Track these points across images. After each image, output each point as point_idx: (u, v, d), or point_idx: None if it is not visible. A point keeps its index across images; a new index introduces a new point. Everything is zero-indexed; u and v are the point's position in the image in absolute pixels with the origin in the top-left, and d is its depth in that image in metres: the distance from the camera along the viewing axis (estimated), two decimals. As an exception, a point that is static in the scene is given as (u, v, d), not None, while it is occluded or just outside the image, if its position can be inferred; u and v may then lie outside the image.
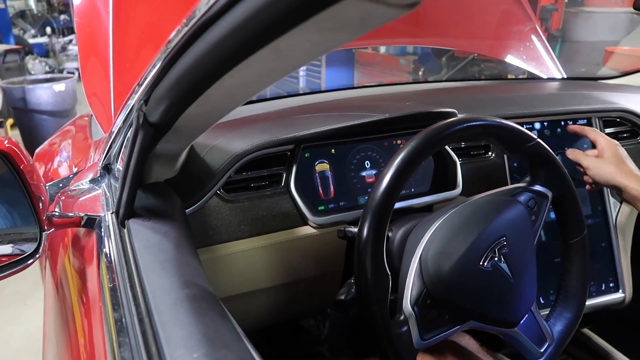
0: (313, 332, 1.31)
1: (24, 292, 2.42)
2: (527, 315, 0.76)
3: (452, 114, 0.98)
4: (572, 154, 1.01)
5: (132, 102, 0.61)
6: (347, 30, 0.36)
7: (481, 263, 0.71)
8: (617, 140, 1.20)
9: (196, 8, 0.40)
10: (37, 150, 1.65)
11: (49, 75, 5.23)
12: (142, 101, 0.59)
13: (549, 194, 0.79)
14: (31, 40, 9.58)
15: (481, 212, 0.75)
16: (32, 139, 4.28)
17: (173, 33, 0.45)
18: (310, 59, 0.43)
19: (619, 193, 0.97)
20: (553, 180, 0.79)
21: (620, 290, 1.15)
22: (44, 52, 9.26)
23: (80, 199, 0.77)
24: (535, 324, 0.77)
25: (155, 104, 0.56)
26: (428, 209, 1.00)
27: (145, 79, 0.54)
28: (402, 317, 0.68)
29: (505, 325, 0.75)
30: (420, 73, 4.31)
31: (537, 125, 1.13)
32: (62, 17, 11.44)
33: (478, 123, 0.72)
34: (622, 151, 1.00)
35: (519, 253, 0.74)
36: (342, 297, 0.71)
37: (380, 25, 0.37)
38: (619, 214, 1.17)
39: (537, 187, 0.79)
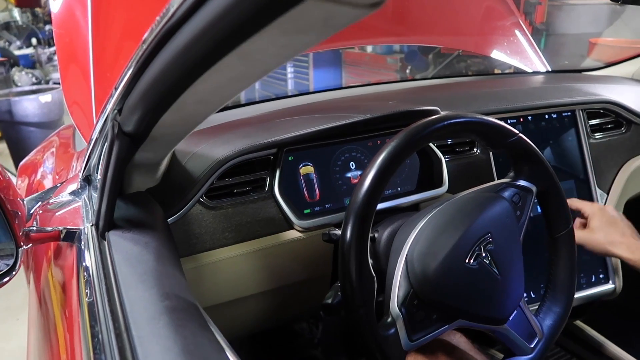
0: (306, 336, 1.31)
1: (15, 308, 2.39)
2: (515, 312, 0.76)
3: (434, 112, 0.97)
4: None
5: (106, 112, 0.60)
6: (313, 32, 0.35)
7: (467, 261, 0.70)
8: (602, 132, 1.21)
9: (168, 5, 0.39)
10: (22, 162, 1.63)
11: (34, 87, 5.18)
12: (115, 111, 0.58)
13: (533, 188, 0.79)
14: (17, 52, 9.49)
15: (465, 209, 0.74)
16: (19, 151, 4.23)
17: (147, 33, 0.44)
18: (281, 63, 0.42)
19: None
20: (537, 174, 0.78)
21: (611, 281, 1.16)
22: (31, 63, 9.18)
23: (59, 212, 0.75)
24: (525, 320, 0.77)
25: (129, 113, 0.55)
26: (415, 207, 0.99)
27: (117, 89, 0.53)
28: (389, 319, 0.68)
29: (494, 323, 0.74)
30: (407, 71, 4.31)
31: (522, 120, 1.13)
32: (47, 27, 11.35)
33: (458, 120, 0.72)
34: (609, 214, 0.95)
35: (504, 249, 0.74)
36: (329, 300, 0.70)
37: (347, 26, 0.37)
38: (606, 204, 1.17)
39: (521, 182, 0.79)
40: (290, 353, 1.29)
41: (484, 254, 0.71)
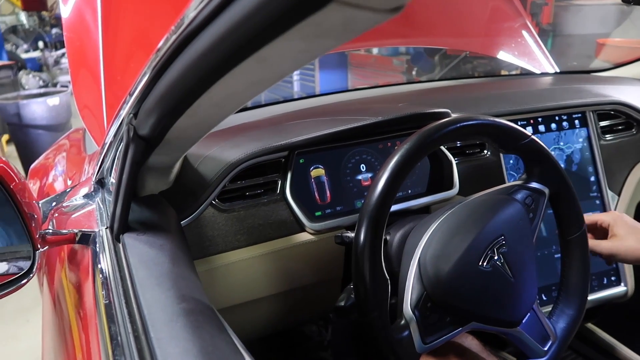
0: (316, 339, 1.31)
1: (25, 309, 2.41)
2: (529, 314, 0.75)
3: (445, 114, 0.97)
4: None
5: (122, 115, 0.60)
6: (332, 36, 0.36)
7: (480, 264, 0.70)
8: (613, 134, 1.20)
9: (183, 15, 0.40)
10: (32, 165, 1.64)
11: (42, 90, 5.22)
12: (131, 115, 0.58)
13: (546, 190, 0.79)
14: (24, 55, 9.58)
15: (478, 212, 0.74)
16: (28, 154, 4.26)
17: (162, 42, 0.44)
18: (297, 67, 0.42)
19: None
20: (549, 176, 0.78)
21: (622, 284, 1.15)
22: (37, 66, 9.25)
23: (73, 215, 0.76)
24: (538, 323, 0.76)
25: (144, 117, 0.55)
26: (425, 210, 0.99)
27: (133, 93, 0.54)
28: (402, 322, 0.68)
29: (507, 325, 0.74)
30: (413, 73, 4.31)
31: (532, 122, 1.13)
32: (54, 30, 11.44)
33: (471, 123, 0.72)
34: (630, 220, 0.90)
35: (518, 252, 0.73)
36: (342, 303, 0.71)
37: (365, 31, 0.37)
38: (617, 206, 1.17)
39: (534, 184, 0.78)
40: (300, 356, 1.29)
41: (497, 257, 0.71)
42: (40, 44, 10.25)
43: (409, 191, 1.00)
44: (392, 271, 0.76)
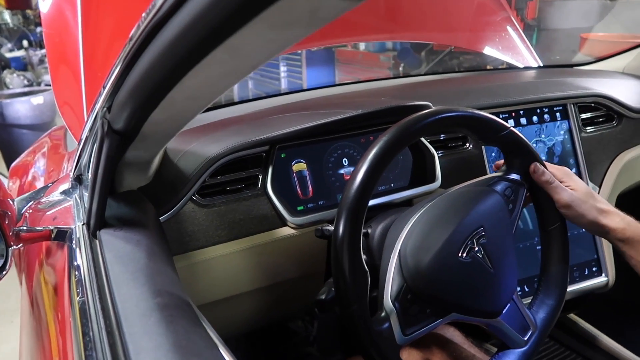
0: (302, 333, 1.31)
1: (9, 310, 2.38)
2: (509, 305, 0.76)
3: (426, 107, 0.98)
4: (549, 184, 0.78)
5: (95, 110, 0.59)
6: (300, 25, 0.35)
7: (460, 255, 0.70)
8: (594, 126, 1.21)
9: (148, 8, 0.39)
10: (13, 164, 1.62)
11: (26, 89, 5.15)
12: (105, 108, 0.57)
13: (525, 182, 0.79)
14: (8, 55, 9.41)
15: (458, 203, 0.74)
16: (11, 154, 4.20)
17: (133, 29, 0.44)
18: (270, 57, 0.42)
19: (601, 235, 0.79)
20: (528, 168, 0.79)
21: (604, 274, 1.16)
22: (22, 65, 9.10)
23: (49, 212, 0.75)
24: (518, 313, 0.77)
25: (118, 111, 0.55)
26: (408, 203, 0.99)
27: (106, 86, 0.53)
28: (383, 314, 0.68)
29: (487, 316, 0.74)
30: (400, 68, 4.32)
31: (514, 114, 1.14)
32: (39, 29, 11.26)
33: (450, 114, 0.72)
34: (578, 179, 0.82)
35: (497, 242, 0.74)
36: (322, 296, 0.70)
37: (335, 18, 0.37)
38: (598, 198, 1.18)
39: (513, 176, 0.79)
40: (285, 351, 1.28)
41: (476, 248, 0.72)
42: (25, 42, 10.09)
43: (392, 185, 1.00)
44: (373, 264, 0.76)
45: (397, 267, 0.70)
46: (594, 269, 1.16)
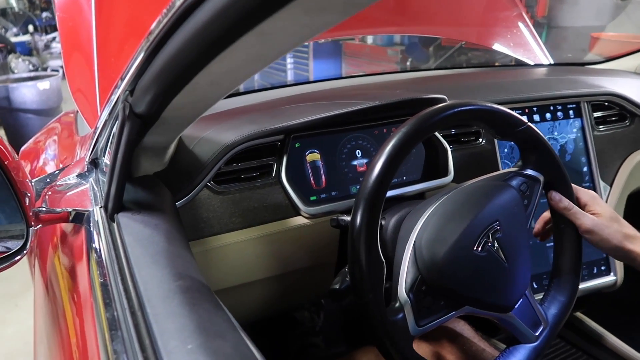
0: (307, 324, 1.31)
1: (14, 293, 2.39)
2: (521, 300, 0.76)
3: (441, 100, 0.97)
4: (568, 210, 0.78)
5: (117, 94, 0.60)
6: (334, 10, 0.35)
7: (475, 248, 0.70)
8: (606, 125, 1.21)
9: None
10: (22, 148, 1.62)
11: (32, 74, 5.15)
12: (127, 92, 0.57)
13: (541, 177, 0.79)
14: (13, 39, 9.42)
15: (473, 197, 0.74)
16: (17, 138, 4.21)
17: (154, 24, 0.44)
18: (297, 43, 0.42)
19: (627, 261, 0.77)
20: (544, 164, 0.79)
21: (612, 274, 1.16)
22: (27, 50, 9.11)
23: (67, 194, 0.75)
24: (530, 308, 0.77)
25: (141, 95, 0.55)
26: (420, 196, 0.99)
27: (129, 70, 0.53)
28: (397, 305, 0.68)
29: (500, 310, 0.75)
30: (407, 63, 4.30)
31: (527, 111, 1.13)
32: (45, 14, 11.26)
33: (468, 108, 0.72)
34: (604, 204, 0.81)
35: (512, 237, 0.74)
36: (337, 286, 0.71)
37: (368, 5, 0.37)
38: (609, 197, 1.18)
39: (529, 171, 0.79)
40: (291, 341, 1.29)
41: (491, 242, 0.72)
42: (30, 27, 10.09)
43: (404, 178, 1.00)
44: (386, 256, 0.76)
45: (412, 259, 0.70)
46: (602, 267, 1.16)
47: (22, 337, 2.12)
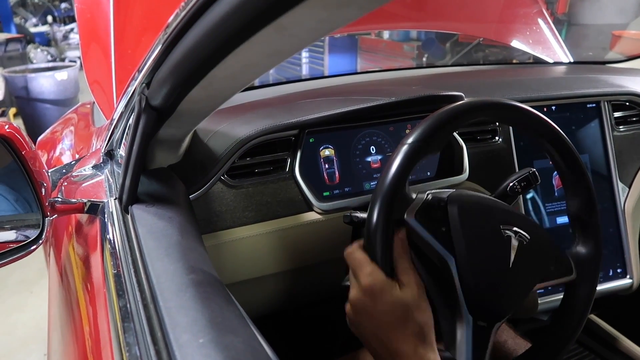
0: (319, 318, 1.31)
1: (29, 280, 2.43)
2: (485, 324, 0.69)
3: (459, 97, 0.96)
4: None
5: (133, 86, 0.60)
6: (354, 5, 0.35)
7: (501, 227, 0.68)
8: (626, 125, 1.19)
9: None
10: (40, 138, 1.64)
11: (51, 64, 5.21)
12: (143, 84, 0.57)
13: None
14: (32, 29, 9.54)
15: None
16: (34, 128, 4.28)
17: (171, 17, 0.44)
18: (316, 38, 0.41)
19: None
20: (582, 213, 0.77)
21: (628, 276, 1.14)
22: (46, 40, 9.23)
23: (83, 185, 0.76)
24: (483, 340, 0.69)
25: (157, 87, 0.55)
26: (434, 194, 0.98)
27: (146, 62, 0.53)
28: (411, 194, 0.68)
29: (468, 304, 0.67)
30: (424, 59, 4.27)
31: (545, 109, 1.12)
32: (63, 5, 11.38)
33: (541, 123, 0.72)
34: None
35: (527, 262, 0.70)
36: (348, 282, 0.70)
37: (388, 2, 0.36)
38: (627, 199, 1.16)
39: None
40: (302, 335, 1.29)
41: (516, 237, 0.69)
42: (49, 18, 10.20)
43: (419, 175, 0.99)
44: None
45: (445, 194, 0.69)
46: (618, 270, 1.14)
47: (36, 324, 2.16)
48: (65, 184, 0.74)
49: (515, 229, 0.69)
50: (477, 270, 0.67)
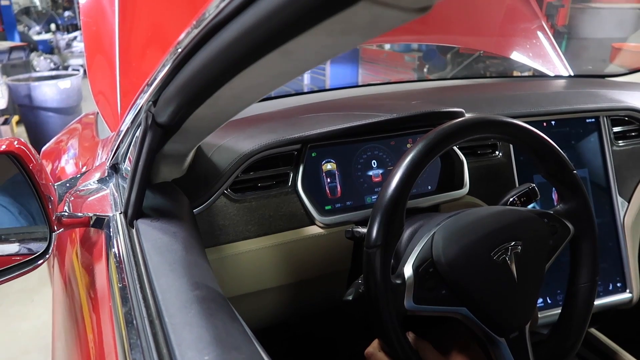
0: (320, 330, 1.31)
1: (30, 289, 2.44)
2: (517, 333, 0.74)
3: (459, 114, 0.98)
4: None
5: (140, 102, 0.61)
6: (358, 33, 0.36)
7: (492, 253, 0.70)
8: (625, 140, 1.20)
9: (206, 10, 0.40)
10: (44, 148, 1.66)
11: (54, 73, 5.24)
12: (150, 102, 0.59)
13: (571, 229, 0.79)
14: (36, 37, 9.61)
15: (504, 215, 0.74)
16: (37, 136, 4.30)
17: (182, 35, 0.45)
18: (321, 61, 0.43)
19: None
20: (580, 216, 0.79)
21: (628, 291, 1.15)
22: (49, 48, 9.28)
23: (88, 199, 0.77)
24: (523, 347, 0.74)
25: (164, 105, 0.56)
26: (435, 208, 0.99)
27: (154, 80, 0.54)
28: (401, 273, 0.68)
29: (494, 328, 0.72)
30: (424, 70, 4.30)
31: (545, 124, 1.13)
32: (67, 13, 11.47)
33: (523, 129, 0.74)
34: None
35: (529, 263, 0.73)
36: (349, 297, 0.71)
37: (391, 29, 0.37)
38: (626, 213, 1.16)
39: (564, 220, 0.79)
40: (304, 347, 1.29)
41: (509, 256, 0.71)
42: (52, 26, 10.28)
43: (419, 189, 1.00)
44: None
45: (428, 244, 0.70)
46: (618, 284, 1.15)
47: (37, 332, 2.16)
48: (72, 198, 0.75)
49: (504, 245, 0.71)
50: (490, 303, 0.71)
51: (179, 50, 0.46)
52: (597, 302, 1.12)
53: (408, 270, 0.68)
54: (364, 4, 0.29)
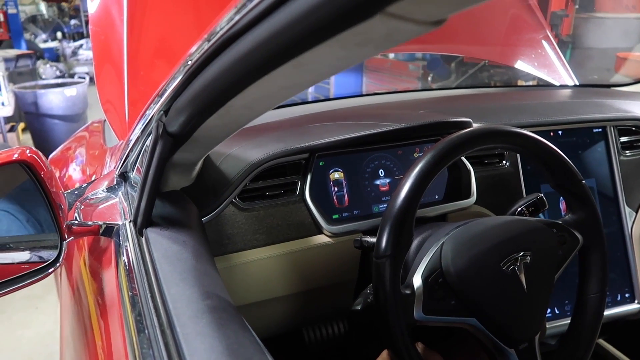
0: (328, 339, 1.31)
1: (34, 296, 2.44)
2: (526, 344, 0.74)
3: (467, 124, 0.98)
4: None
5: (151, 112, 0.61)
6: (372, 45, 0.36)
7: (501, 264, 0.70)
8: (632, 150, 1.19)
9: (217, 24, 0.40)
10: (51, 156, 1.66)
11: (60, 80, 5.28)
12: (162, 112, 0.59)
13: (580, 240, 0.79)
14: (42, 45, 9.69)
15: (513, 225, 0.74)
16: (43, 143, 4.32)
17: (194, 47, 0.45)
18: (333, 73, 0.43)
19: None
20: (588, 227, 0.79)
21: (636, 301, 1.14)
22: (55, 56, 9.35)
23: (98, 208, 0.77)
24: (533, 358, 0.74)
25: (175, 115, 0.56)
26: (442, 217, 0.99)
27: (166, 90, 0.54)
28: (410, 284, 0.68)
29: (504, 339, 0.72)
30: (429, 79, 4.31)
31: (552, 134, 1.13)
32: (73, 21, 11.57)
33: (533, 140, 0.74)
34: None
35: (538, 274, 0.73)
36: (358, 307, 0.71)
37: (405, 42, 0.38)
38: (634, 223, 1.16)
39: (574, 230, 0.79)
40: (310, 356, 1.29)
41: (518, 266, 0.71)
42: (59, 34, 10.36)
43: (427, 198, 1.00)
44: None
45: (437, 255, 0.70)
46: (626, 295, 1.14)
47: (41, 340, 2.16)
48: (82, 206, 0.75)
49: (513, 255, 0.71)
50: (499, 313, 0.71)
51: (190, 62, 0.47)
52: (605, 312, 1.11)
53: (417, 281, 0.68)
54: (380, 17, 0.30)
